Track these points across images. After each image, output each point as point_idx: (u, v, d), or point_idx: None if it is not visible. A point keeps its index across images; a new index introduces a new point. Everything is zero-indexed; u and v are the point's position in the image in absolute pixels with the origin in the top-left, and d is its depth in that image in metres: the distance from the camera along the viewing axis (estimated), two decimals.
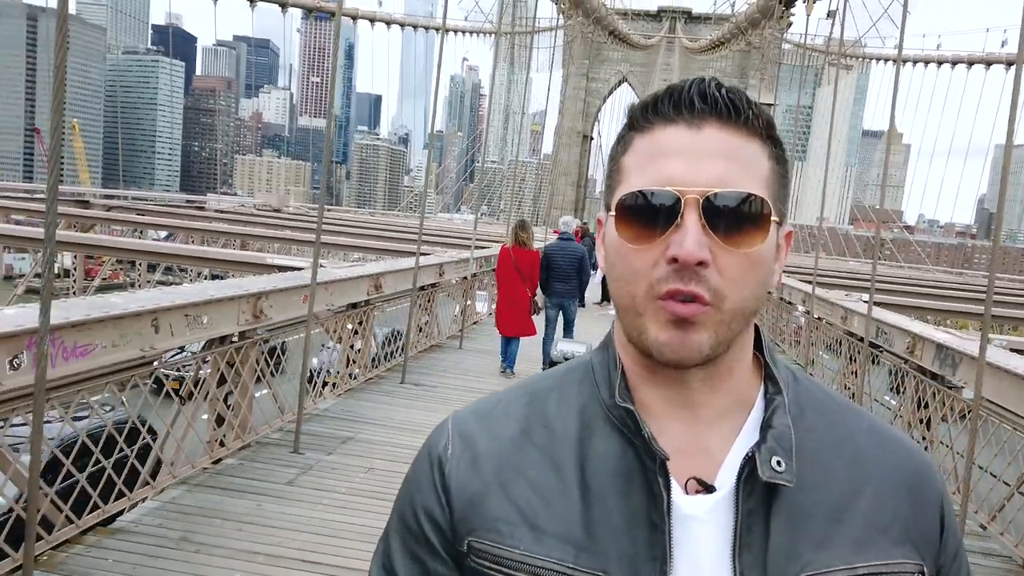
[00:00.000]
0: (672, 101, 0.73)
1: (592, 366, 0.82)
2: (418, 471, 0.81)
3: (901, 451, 0.79)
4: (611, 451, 0.75)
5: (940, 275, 29.50)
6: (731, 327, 0.72)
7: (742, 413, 0.77)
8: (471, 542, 0.75)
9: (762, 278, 0.73)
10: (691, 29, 71.54)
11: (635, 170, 0.74)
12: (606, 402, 0.77)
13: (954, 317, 13.14)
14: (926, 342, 6.66)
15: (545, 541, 0.72)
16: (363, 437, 6.16)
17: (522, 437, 0.78)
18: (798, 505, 0.72)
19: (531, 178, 59.05)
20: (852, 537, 0.72)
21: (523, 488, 0.75)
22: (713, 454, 0.75)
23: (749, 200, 0.71)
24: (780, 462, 0.72)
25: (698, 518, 0.72)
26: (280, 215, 25.24)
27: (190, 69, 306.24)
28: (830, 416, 0.79)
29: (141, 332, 4.23)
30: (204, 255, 9.53)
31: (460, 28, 48.30)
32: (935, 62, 40.22)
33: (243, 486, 4.91)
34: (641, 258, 0.72)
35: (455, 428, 0.81)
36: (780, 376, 0.78)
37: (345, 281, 7.11)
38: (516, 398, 0.82)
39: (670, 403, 0.76)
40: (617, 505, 0.72)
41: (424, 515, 0.77)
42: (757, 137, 0.74)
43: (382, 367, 8.57)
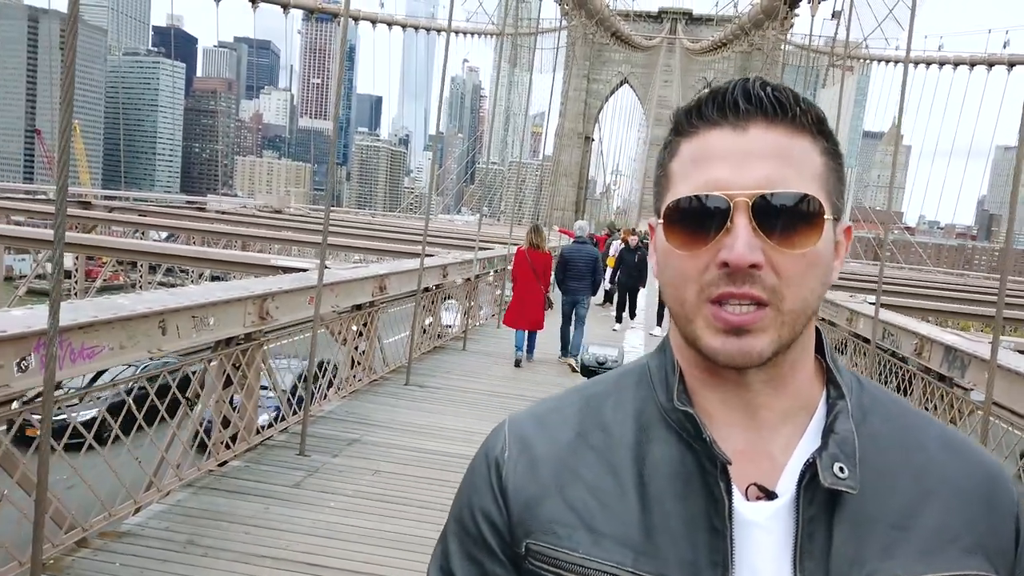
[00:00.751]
0: (716, 104, 0.72)
1: (649, 369, 0.81)
2: (476, 474, 0.81)
3: (973, 460, 0.77)
4: (670, 455, 0.74)
5: (942, 276, 29.48)
6: (793, 328, 0.71)
7: (804, 418, 0.76)
8: (529, 544, 0.75)
9: (820, 276, 0.72)
10: (692, 30, 71.57)
11: (682, 176, 0.74)
12: (664, 405, 0.76)
13: (958, 319, 13.12)
14: (934, 344, 6.63)
15: (604, 544, 0.72)
16: (369, 439, 6.13)
17: (579, 440, 0.78)
18: (862, 512, 0.71)
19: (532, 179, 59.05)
20: (919, 546, 0.71)
21: (580, 491, 0.75)
22: (774, 459, 0.74)
23: (801, 199, 0.69)
24: (843, 468, 0.70)
25: (759, 524, 0.71)
26: (281, 216, 25.23)
27: (191, 70, 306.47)
28: (896, 422, 0.77)
29: (148, 334, 4.20)
30: (207, 256, 9.50)
31: (462, 29, 48.35)
32: (937, 63, 40.18)
33: (249, 489, 4.88)
34: (691, 264, 0.71)
35: (512, 431, 0.81)
36: (843, 380, 0.77)
37: (350, 282, 7.09)
38: (572, 402, 0.82)
39: (729, 407, 0.75)
40: (676, 509, 0.72)
41: (482, 517, 0.78)
42: (806, 133, 0.72)
43: (385, 369, 8.54)
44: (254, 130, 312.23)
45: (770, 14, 28.77)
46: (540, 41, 52.87)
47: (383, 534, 4.44)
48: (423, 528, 4.56)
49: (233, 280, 9.05)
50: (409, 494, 5.10)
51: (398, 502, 4.95)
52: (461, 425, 6.82)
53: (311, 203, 51.75)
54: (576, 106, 70.88)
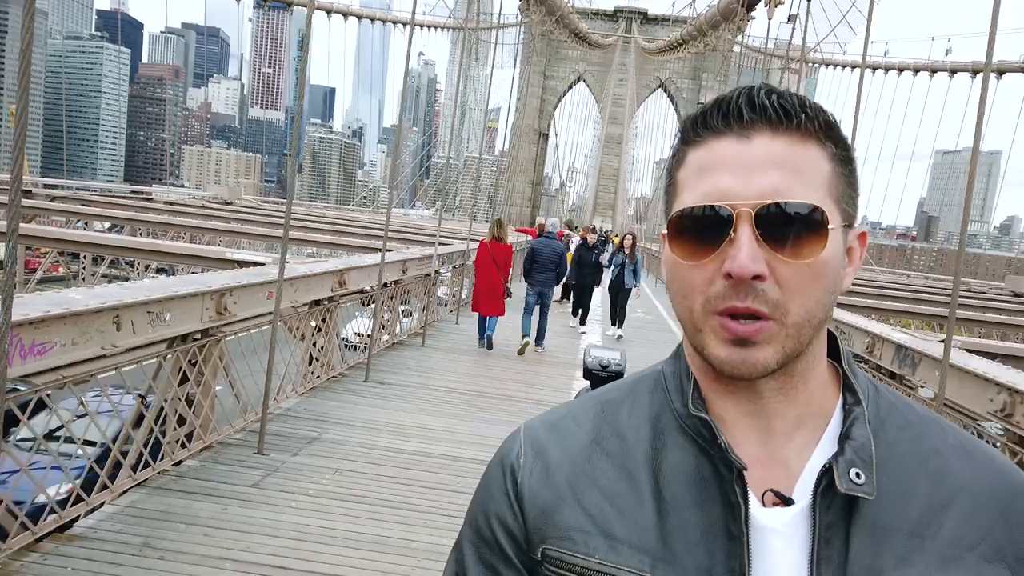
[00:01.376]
0: (721, 112, 0.72)
1: (664, 375, 0.81)
2: (491, 480, 0.80)
3: (992, 467, 0.76)
4: (686, 461, 0.74)
5: (887, 276, 30.40)
6: (799, 340, 0.70)
7: (820, 424, 0.75)
8: (545, 550, 0.74)
9: (827, 286, 0.71)
10: (647, 30, 72.37)
11: (687, 186, 0.73)
12: (679, 412, 0.76)
13: (908, 318, 13.53)
14: (885, 342, 6.82)
15: (621, 550, 0.72)
16: (329, 437, 6.03)
17: (594, 446, 0.77)
18: (879, 520, 0.70)
19: (487, 175, 58.92)
20: (937, 554, 0.70)
21: (596, 497, 0.74)
22: (790, 466, 0.73)
23: (804, 209, 0.69)
24: (859, 474, 0.70)
25: (776, 530, 0.70)
26: (232, 208, 24.62)
27: (136, 56, 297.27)
28: (914, 430, 0.76)
29: (102, 330, 4.04)
30: (158, 248, 9.21)
31: (420, 22, 47.89)
32: (883, 69, 41.40)
33: (206, 489, 4.75)
34: (697, 274, 0.71)
35: (527, 437, 0.80)
36: (859, 387, 0.76)
37: (309, 277, 6.96)
38: (587, 408, 0.81)
39: (743, 413, 0.75)
40: (693, 516, 0.72)
41: (498, 523, 0.77)
42: (813, 140, 0.71)
43: (344, 366, 8.41)
44: (202, 119, 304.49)
45: (727, 16, 29.20)
46: (497, 36, 52.78)
47: (348, 534, 4.36)
48: (388, 528, 4.50)
49: (182, 274, 8.76)
50: (373, 493, 5.03)
51: (362, 501, 4.87)
52: (422, 422, 6.75)
53: (262, 195, 50.72)
54: (532, 102, 71.03)
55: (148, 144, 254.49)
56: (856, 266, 0.76)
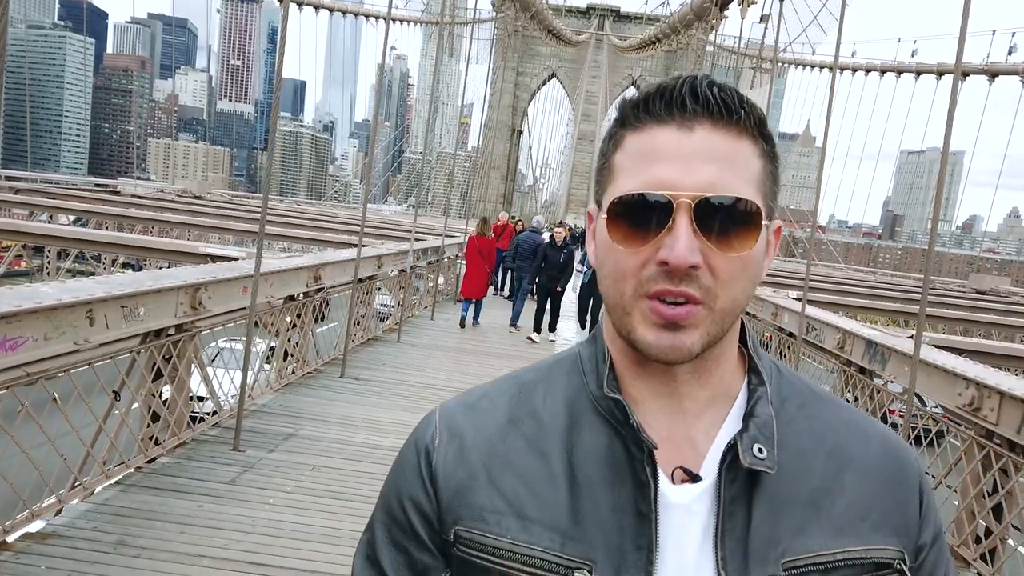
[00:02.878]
0: (664, 100, 0.72)
1: (581, 357, 0.82)
2: (404, 461, 0.80)
3: (879, 440, 0.80)
4: (599, 441, 0.75)
5: (855, 273, 30.91)
6: (722, 326, 0.72)
7: (726, 404, 0.78)
8: (458, 531, 0.75)
9: (752, 277, 0.74)
10: (619, 27, 72.63)
11: (626, 171, 0.73)
12: (594, 393, 0.77)
13: (877, 315, 13.77)
14: (856, 338, 6.94)
15: (532, 529, 0.73)
16: (305, 433, 5.98)
17: (509, 427, 0.78)
18: (779, 493, 0.73)
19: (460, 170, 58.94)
20: (832, 524, 0.74)
21: (510, 478, 0.75)
22: (697, 444, 0.76)
23: (741, 204, 0.71)
24: (761, 449, 0.73)
25: (684, 506, 0.72)
26: (202, 202, 24.25)
27: (101, 47, 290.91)
28: (811, 408, 0.80)
29: (75, 324, 3.97)
30: (129, 243, 9.03)
31: (393, 16, 47.52)
32: (851, 69, 42.03)
33: (182, 486, 4.69)
34: (631, 259, 0.71)
35: (442, 419, 0.80)
36: (764, 368, 0.79)
37: (285, 272, 6.89)
38: (504, 389, 0.82)
39: (656, 395, 0.77)
40: (604, 494, 0.73)
41: (411, 505, 0.77)
42: (748, 136, 0.73)
43: (319, 361, 8.35)
44: (169, 111, 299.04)
45: (700, 15, 29.41)
46: (470, 31, 52.55)
47: (325, 530, 4.34)
48: (365, 523, 4.48)
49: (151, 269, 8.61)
50: (350, 489, 5.01)
51: (338, 497, 4.85)
52: (398, 418, 6.73)
53: (230, 189, 49.95)
54: (505, 98, 70.89)
55: (113, 136, 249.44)
56: (771, 258, 0.78)
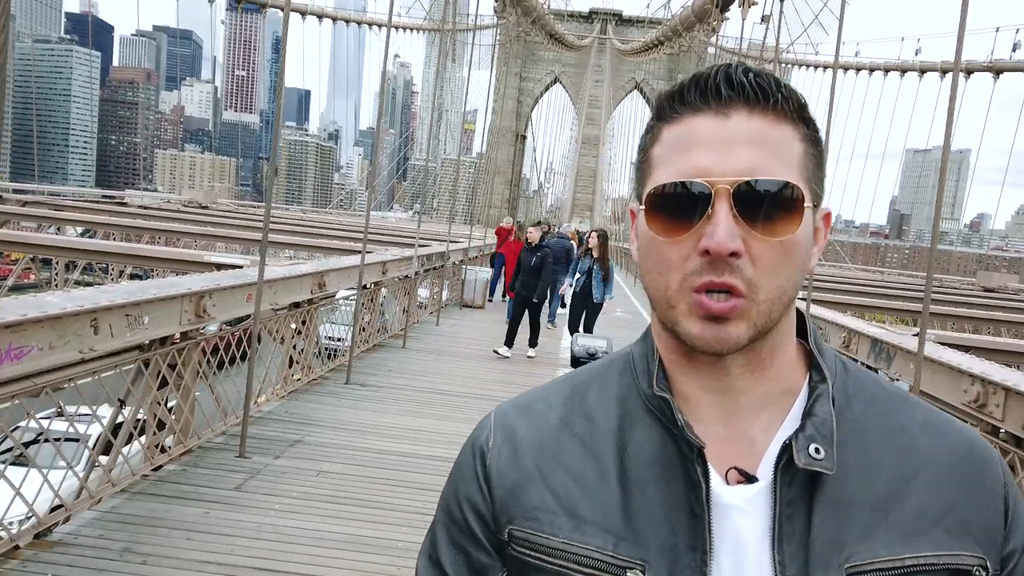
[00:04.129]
0: (699, 89, 0.72)
1: (632, 357, 0.81)
2: (462, 463, 0.81)
3: (957, 441, 0.76)
4: (651, 440, 0.74)
5: (862, 273, 30.82)
6: (770, 316, 0.71)
7: (787, 402, 0.75)
8: (512, 530, 0.75)
9: (798, 264, 0.72)
10: (622, 31, 72.73)
11: (664, 162, 0.73)
12: (645, 392, 0.77)
13: (883, 313, 13.73)
14: (861, 336, 6.92)
15: (585, 529, 0.72)
16: (311, 439, 6.00)
17: (562, 427, 0.78)
18: (842, 496, 0.71)
19: (465, 177, 59.14)
20: (901, 528, 0.70)
21: (562, 478, 0.75)
22: (755, 443, 0.74)
23: (781, 187, 0.69)
24: (819, 449, 0.70)
25: (739, 507, 0.71)
26: (208, 212, 24.36)
27: (107, 60, 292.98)
28: (880, 407, 0.77)
29: (80, 333, 4.00)
30: (135, 252, 9.09)
31: (395, 24, 47.70)
32: (855, 69, 41.98)
33: (188, 493, 4.71)
34: (673, 251, 0.71)
35: (497, 420, 0.81)
36: (827, 365, 0.77)
37: (289, 279, 6.92)
38: (557, 390, 0.82)
39: (709, 391, 0.75)
40: (657, 495, 0.72)
41: (468, 505, 0.78)
42: (788, 120, 0.72)
43: (324, 368, 8.37)
44: (175, 123, 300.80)
45: (701, 17, 29.46)
46: (473, 38, 52.73)
47: (331, 535, 4.34)
48: (372, 528, 4.49)
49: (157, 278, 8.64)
50: (355, 494, 5.02)
51: (344, 502, 4.86)
52: (404, 423, 6.74)
53: (236, 198, 50.19)
54: (509, 104, 71.05)
55: (120, 148, 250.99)
56: (821, 246, 0.77)
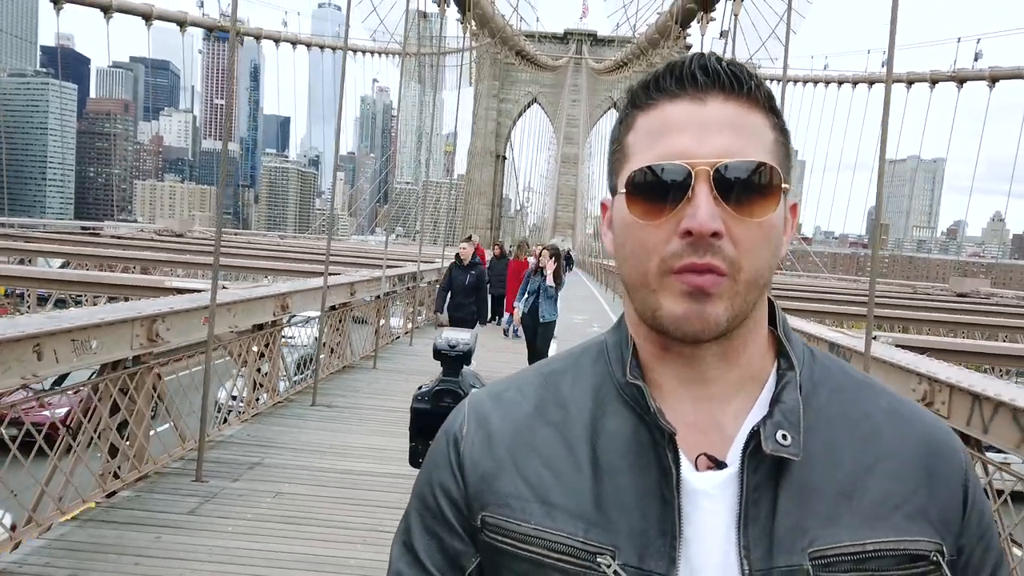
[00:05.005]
0: (674, 76, 0.73)
1: (606, 346, 0.81)
2: (436, 451, 0.82)
3: (919, 427, 0.77)
4: (623, 428, 0.75)
5: (834, 282, 31.13)
6: (746, 299, 0.71)
7: (755, 389, 0.76)
8: (484, 517, 0.75)
9: (773, 248, 0.73)
10: (596, 51, 73.67)
11: (641, 148, 0.74)
12: (618, 380, 0.77)
13: (844, 319, 13.91)
14: (819, 341, 6.99)
15: (556, 516, 0.73)
16: (271, 461, 5.95)
17: (535, 415, 0.78)
18: (807, 481, 0.71)
19: (446, 198, 59.33)
20: (862, 513, 0.71)
21: (535, 465, 0.75)
22: (725, 430, 0.74)
23: (759, 169, 0.71)
24: (785, 435, 0.71)
25: (707, 493, 0.71)
26: (183, 240, 24.27)
27: (84, 91, 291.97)
28: (846, 394, 0.77)
29: (22, 359, 3.97)
30: (98, 280, 9.03)
31: (367, 48, 47.86)
32: (823, 82, 42.72)
33: (140, 519, 4.65)
34: (653, 234, 0.71)
35: (471, 408, 0.82)
36: (795, 352, 0.77)
37: (249, 301, 6.89)
38: (531, 379, 0.83)
39: (682, 380, 0.76)
40: (628, 481, 0.73)
41: (441, 492, 0.79)
42: (760, 108, 0.74)
43: (291, 390, 8.32)
44: (154, 153, 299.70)
45: (664, 34, 30.01)
46: (447, 60, 53.10)
47: (286, 556, 4.31)
48: (327, 547, 4.46)
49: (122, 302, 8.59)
50: (312, 514, 4.98)
51: (300, 522, 4.82)
52: (369, 443, 6.71)
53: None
54: (487, 125, 71.55)
55: (99, 180, 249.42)
56: (790, 236, 0.78)
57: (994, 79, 32.91)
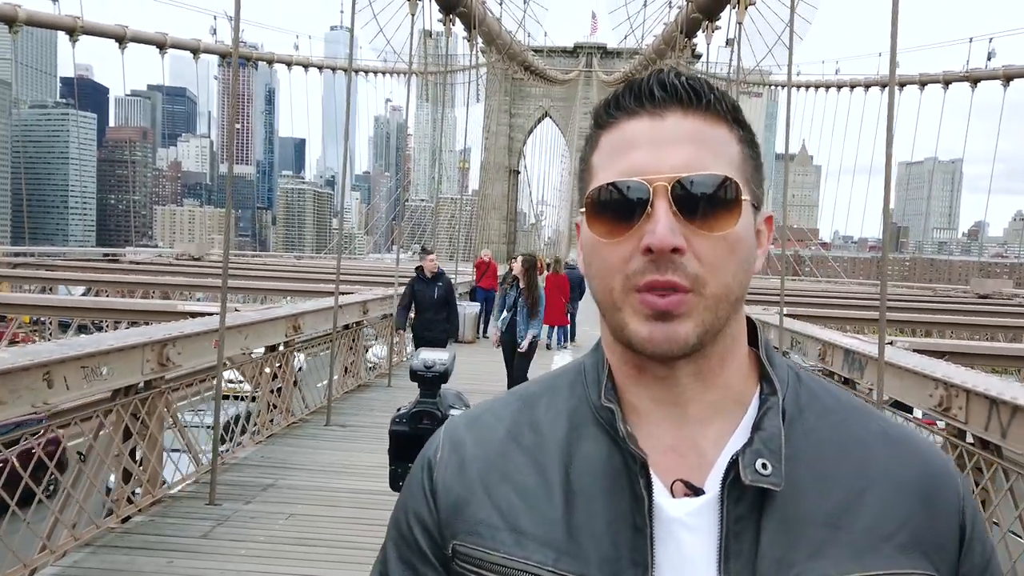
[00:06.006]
0: (633, 94, 0.73)
1: (584, 368, 0.80)
2: (412, 478, 0.80)
3: (913, 454, 0.74)
4: (598, 453, 0.72)
5: (854, 287, 30.81)
6: (717, 314, 0.70)
7: (738, 412, 0.74)
8: (455, 545, 0.74)
9: (742, 262, 0.71)
10: (606, 63, 73.80)
11: (603, 166, 0.73)
12: (594, 403, 0.75)
13: (863, 324, 13.75)
14: (835, 348, 6.91)
15: (526, 544, 0.70)
16: (285, 483, 5.96)
17: (509, 440, 0.76)
18: (793, 512, 0.68)
19: (461, 214, 59.88)
20: (851, 544, 0.68)
21: (506, 491, 0.73)
22: (705, 454, 0.72)
23: (718, 181, 0.69)
24: (766, 464, 0.68)
25: (682, 521, 0.69)
26: (201, 263, 24.52)
27: (103, 120, 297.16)
28: (834, 417, 0.74)
29: (32, 387, 4.01)
30: (113, 307, 9.14)
31: (379, 69, 48.29)
32: (835, 86, 42.48)
33: (153, 543, 4.67)
34: (615, 252, 0.70)
35: (446, 434, 0.80)
36: (778, 375, 0.75)
37: (260, 323, 6.93)
38: (507, 403, 0.81)
39: (658, 402, 0.74)
40: (601, 508, 0.70)
41: (415, 520, 0.77)
42: (723, 121, 0.73)
43: (304, 411, 8.34)
44: (173, 178, 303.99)
45: (671, 44, 30.07)
46: (457, 78, 53.42)
47: None
48: (337, 569, 4.45)
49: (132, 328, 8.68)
50: (324, 535, 4.97)
51: (312, 544, 4.82)
52: (383, 462, 6.65)
53: (236, 248, 50.39)
54: (500, 140, 71.84)
55: (119, 207, 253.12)
56: (765, 248, 0.77)
57: (1008, 77, 32.55)
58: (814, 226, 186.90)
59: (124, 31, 32.21)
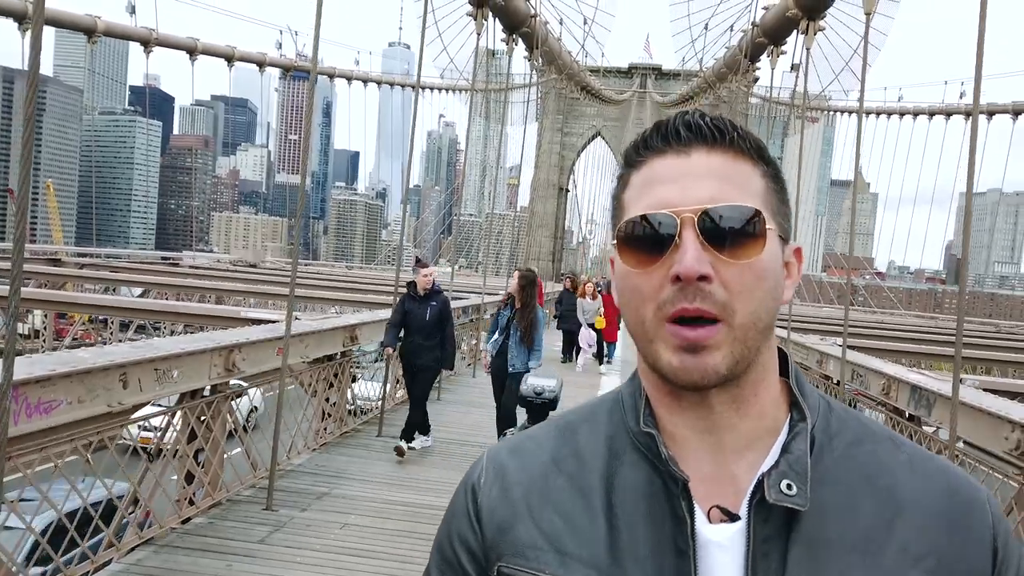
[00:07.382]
0: (660, 135, 0.77)
1: (621, 396, 0.83)
2: (455, 502, 0.83)
3: (942, 481, 0.75)
4: (638, 477, 0.75)
5: (912, 319, 29.91)
6: (746, 344, 0.72)
7: (770, 440, 0.76)
8: (500, 567, 0.76)
9: (769, 290, 0.74)
10: (661, 84, 73.53)
11: (632, 201, 0.77)
12: (632, 429, 0.78)
13: (925, 359, 13.30)
14: (900, 383, 6.70)
15: (571, 565, 0.73)
16: (339, 492, 6.02)
17: (551, 465, 0.79)
18: (820, 535, 0.70)
19: (508, 230, 59.85)
20: (879, 568, 0.70)
21: (550, 514, 0.76)
22: (739, 482, 0.74)
23: (744, 212, 0.73)
24: (791, 485, 0.71)
25: (720, 545, 0.71)
26: (256, 270, 25.12)
27: (168, 128, 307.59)
28: (864, 446, 0.77)
29: (109, 387, 4.13)
30: (175, 310, 9.41)
31: (436, 85, 49.08)
32: (897, 113, 41.56)
33: (213, 546, 4.76)
34: (646, 282, 0.73)
35: (489, 459, 0.83)
36: (807, 403, 0.77)
37: (320, 333, 7.05)
38: (549, 431, 0.84)
39: (694, 430, 0.76)
40: (643, 531, 0.73)
41: (459, 543, 0.80)
42: (747, 157, 0.76)
43: (357, 421, 8.43)
44: (230, 186, 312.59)
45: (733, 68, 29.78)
46: (513, 96, 53.83)
47: None
48: None
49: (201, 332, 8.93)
50: (377, 547, 5.00)
51: (366, 555, 4.85)
52: (431, 476, 6.73)
53: (288, 256, 51.47)
54: (551, 158, 72.05)
55: (179, 212, 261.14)
56: (795, 280, 0.79)
57: None
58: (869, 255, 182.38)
59: (195, 44, 33.40)
